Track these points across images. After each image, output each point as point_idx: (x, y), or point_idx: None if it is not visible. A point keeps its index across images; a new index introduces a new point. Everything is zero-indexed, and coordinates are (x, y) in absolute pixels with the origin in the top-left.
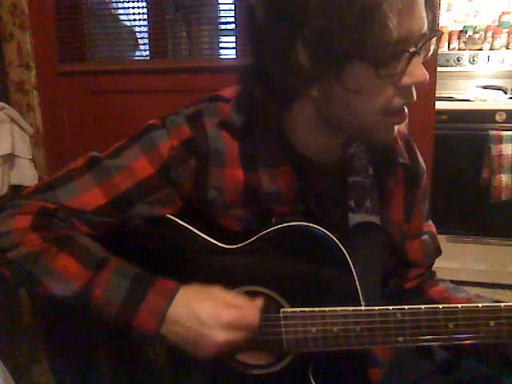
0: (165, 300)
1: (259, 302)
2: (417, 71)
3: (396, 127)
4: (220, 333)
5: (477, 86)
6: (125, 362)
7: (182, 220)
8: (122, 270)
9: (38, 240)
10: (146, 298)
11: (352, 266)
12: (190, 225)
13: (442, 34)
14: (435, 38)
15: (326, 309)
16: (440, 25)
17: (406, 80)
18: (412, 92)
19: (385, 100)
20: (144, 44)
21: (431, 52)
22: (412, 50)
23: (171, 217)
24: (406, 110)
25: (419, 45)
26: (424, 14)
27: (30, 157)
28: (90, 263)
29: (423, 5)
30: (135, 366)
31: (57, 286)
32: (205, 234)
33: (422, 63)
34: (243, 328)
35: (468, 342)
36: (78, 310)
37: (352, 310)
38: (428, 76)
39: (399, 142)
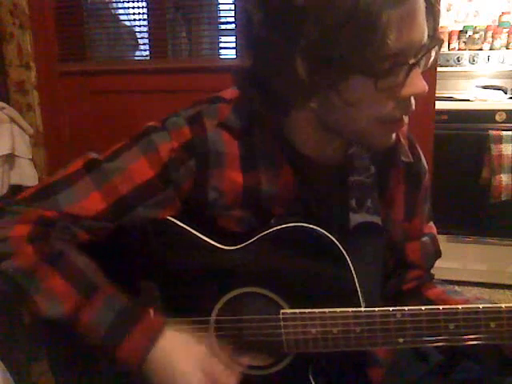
0: (147, 342)
1: (239, 369)
2: (416, 82)
3: (394, 133)
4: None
5: (477, 86)
6: None
7: (181, 222)
8: (111, 301)
9: (33, 254)
10: (130, 336)
11: (351, 267)
12: (189, 227)
13: (443, 42)
14: (436, 46)
15: (326, 310)
16: (440, 25)
17: (405, 91)
18: (410, 103)
19: (383, 111)
20: (144, 44)
21: (431, 60)
22: (411, 61)
23: (171, 219)
24: (406, 118)
25: (419, 56)
26: (425, 25)
27: (30, 157)
28: (81, 288)
29: (424, 15)
30: None
31: (45, 304)
32: (204, 235)
33: (426, 69)
34: None
35: (468, 343)
36: (66, 328)
37: (352, 311)
38: (427, 87)
39: (402, 140)
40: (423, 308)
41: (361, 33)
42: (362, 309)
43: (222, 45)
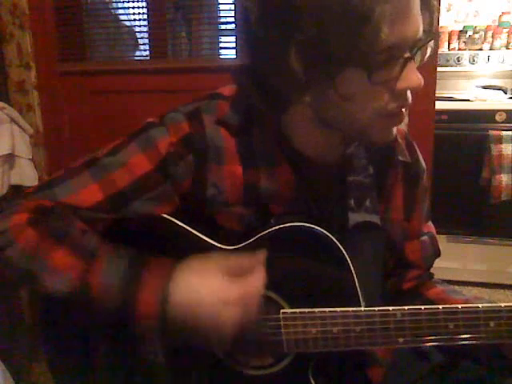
0: (164, 280)
1: (262, 270)
2: (411, 76)
3: (394, 128)
4: (228, 311)
5: (477, 86)
6: (123, 362)
7: (180, 221)
8: (116, 255)
9: (34, 235)
10: (146, 278)
11: (351, 267)
12: (188, 225)
13: (439, 36)
14: (431, 41)
15: (326, 309)
16: (440, 25)
17: (400, 85)
18: (407, 97)
19: (379, 105)
20: (144, 44)
21: (428, 55)
22: (406, 55)
23: (170, 218)
24: (404, 111)
25: (414, 50)
26: (420, 19)
27: (30, 157)
28: (85, 253)
29: (419, 9)
30: (133, 365)
31: (54, 280)
32: (203, 234)
33: (422, 63)
34: (249, 299)
35: (468, 342)
36: (80, 304)
37: (352, 311)
38: (423, 81)
39: (399, 139)
40: (423, 307)
41: (354, 26)
42: (362, 308)
43: (222, 45)
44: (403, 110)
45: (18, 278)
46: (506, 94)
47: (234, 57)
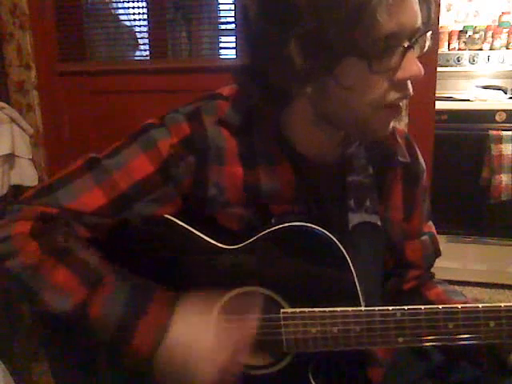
0: (161, 326)
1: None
2: (411, 66)
3: (392, 122)
4: (210, 372)
5: (477, 86)
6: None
7: (181, 221)
8: (119, 288)
9: (37, 250)
10: (142, 321)
11: (352, 267)
12: (189, 225)
13: (437, 28)
14: (430, 33)
15: (326, 309)
16: (440, 25)
17: (400, 74)
18: (408, 86)
19: (379, 94)
20: (144, 44)
21: (427, 48)
22: (406, 44)
23: (171, 218)
24: (402, 104)
25: (413, 39)
26: (417, 9)
27: (30, 157)
28: (88, 279)
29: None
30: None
31: (54, 300)
32: (204, 234)
33: (423, 62)
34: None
35: (468, 342)
36: (75, 325)
37: (352, 311)
38: (423, 70)
39: (399, 140)
40: (423, 307)
41: (352, 15)
42: (362, 308)
43: (222, 45)
44: (401, 103)
45: (16, 289)
46: (505, 94)
47: (234, 57)
